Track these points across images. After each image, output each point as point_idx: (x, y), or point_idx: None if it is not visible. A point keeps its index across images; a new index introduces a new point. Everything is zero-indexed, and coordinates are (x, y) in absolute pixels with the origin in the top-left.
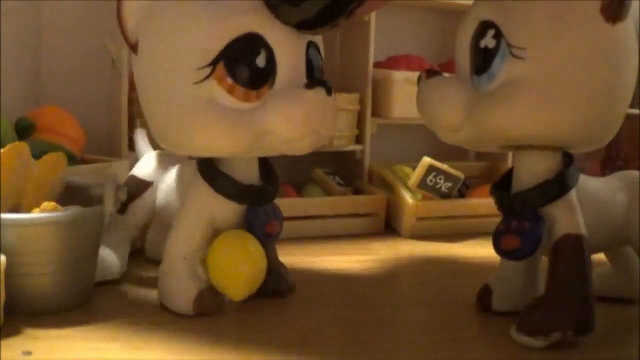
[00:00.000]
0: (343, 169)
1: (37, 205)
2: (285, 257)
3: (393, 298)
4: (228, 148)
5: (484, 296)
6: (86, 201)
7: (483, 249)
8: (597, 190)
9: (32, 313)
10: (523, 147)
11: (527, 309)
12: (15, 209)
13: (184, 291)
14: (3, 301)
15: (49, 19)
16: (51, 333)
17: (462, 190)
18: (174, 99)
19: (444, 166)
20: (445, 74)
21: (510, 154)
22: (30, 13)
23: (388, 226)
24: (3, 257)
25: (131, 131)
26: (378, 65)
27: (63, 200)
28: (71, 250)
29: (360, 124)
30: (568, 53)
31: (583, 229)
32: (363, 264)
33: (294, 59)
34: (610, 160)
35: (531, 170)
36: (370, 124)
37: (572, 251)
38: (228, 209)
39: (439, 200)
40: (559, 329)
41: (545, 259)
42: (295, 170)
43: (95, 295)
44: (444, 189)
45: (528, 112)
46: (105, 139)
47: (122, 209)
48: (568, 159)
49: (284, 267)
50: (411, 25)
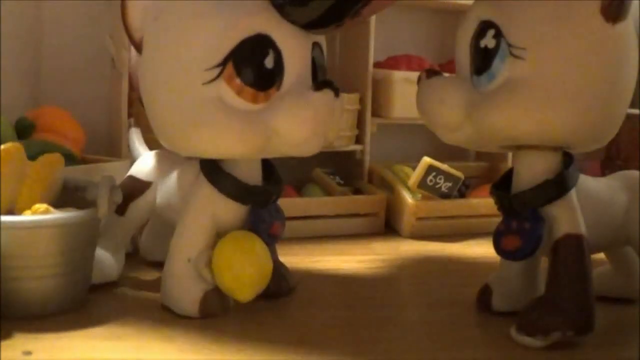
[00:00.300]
0: (343, 169)
1: (32, 207)
2: (286, 257)
3: (393, 298)
4: (236, 150)
5: (484, 296)
6: (84, 202)
7: (483, 249)
8: (597, 190)
9: (26, 317)
10: (523, 147)
11: (527, 309)
12: (11, 211)
13: (189, 293)
14: None
15: (49, 19)
16: (51, 333)
17: (462, 190)
18: (182, 99)
19: (444, 166)
20: (445, 74)
21: (510, 154)
22: (30, 13)
23: (388, 226)
24: None
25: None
26: (378, 65)
27: (62, 201)
28: (64, 253)
29: (360, 124)
30: (568, 53)
31: (583, 229)
32: (363, 264)
33: (301, 60)
34: (610, 160)
35: (531, 170)
36: (370, 124)
37: (572, 251)
38: (232, 209)
39: (439, 200)
40: (559, 329)
41: (545, 259)
42: (295, 170)
43: (94, 295)
44: (444, 189)
45: (528, 112)
46: (105, 139)
47: (121, 210)
48: (568, 159)
49: (285, 267)
50: (411, 25)
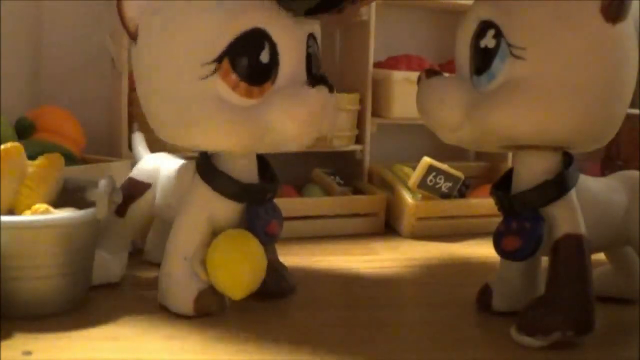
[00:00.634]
0: (343, 169)
1: (32, 207)
2: (285, 257)
3: (393, 298)
4: (231, 144)
5: (484, 296)
6: (84, 202)
7: (483, 249)
8: (597, 190)
9: (26, 317)
10: (523, 147)
11: (527, 309)
12: (12, 211)
13: (184, 291)
14: None
15: (49, 19)
16: (51, 333)
17: (462, 190)
18: (178, 94)
19: (444, 166)
20: (445, 74)
21: (510, 154)
22: (30, 13)
23: (388, 226)
24: None
25: (130, 131)
26: (378, 65)
27: (62, 201)
28: (64, 253)
29: (360, 124)
30: (568, 53)
31: (583, 229)
32: (363, 264)
33: (296, 53)
34: (610, 160)
35: (531, 170)
36: (370, 124)
37: (572, 251)
38: (227, 208)
39: (439, 200)
40: (559, 329)
41: (545, 259)
42: (295, 170)
43: (94, 296)
44: (444, 189)
45: (528, 112)
46: (105, 139)
47: (121, 212)
48: (568, 159)
49: (285, 268)
50: (411, 25)
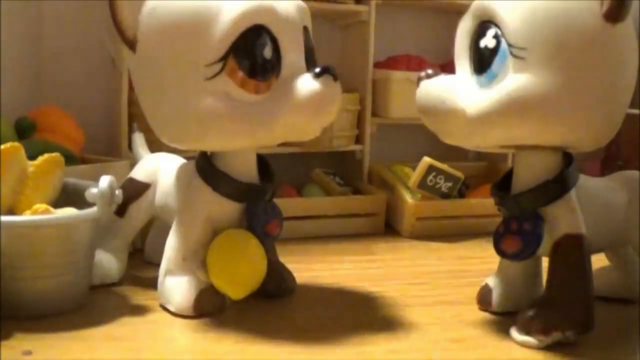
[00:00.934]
0: (343, 169)
1: (32, 207)
2: (286, 257)
3: (393, 298)
4: (243, 142)
5: (484, 296)
6: (84, 202)
7: (483, 249)
8: (597, 190)
9: (26, 317)
10: (523, 147)
11: (527, 309)
12: (12, 211)
13: (184, 292)
14: None
15: (49, 19)
16: (51, 333)
17: (462, 190)
18: (185, 96)
19: (444, 166)
20: (445, 74)
21: (510, 154)
22: (30, 13)
23: (388, 226)
24: None
25: (130, 131)
26: (378, 65)
27: (62, 201)
28: (64, 253)
29: (360, 124)
30: (568, 53)
31: (583, 229)
32: (363, 264)
33: (295, 46)
34: (610, 160)
35: (531, 170)
36: (370, 124)
37: (572, 251)
38: (227, 208)
39: (439, 200)
40: (559, 329)
41: (545, 259)
42: (295, 170)
43: (94, 296)
44: (444, 189)
45: (528, 113)
46: (105, 139)
47: (121, 212)
48: (568, 159)
49: (285, 268)
50: (411, 25)
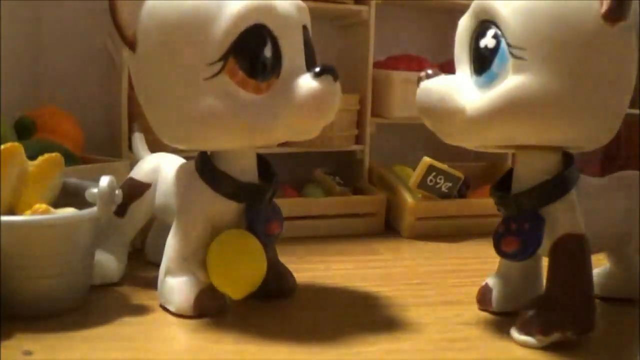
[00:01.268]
0: (343, 169)
1: (32, 207)
2: (286, 257)
3: (393, 298)
4: (244, 142)
5: (484, 296)
6: (84, 202)
7: (483, 249)
8: (597, 190)
9: (26, 317)
10: (523, 147)
11: (527, 309)
12: (12, 210)
13: (184, 292)
14: None
15: (49, 19)
16: (51, 333)
17: (462, 190)
18: (185, 96)
19: (444, 166)
20: (445, 74)
21: (510, 154)
22: (30, 13)
23: (388, 226)
24: None
25: (130, 131)
26: (378, 65)
27: (62, 201)
28: (64, 253)
29: (360, 124)
30: (568, 53)
31: (583, 229)
32: (363, 264)
33: (295, 45)
34: (610, 160)
35: (531, 170)
36: (370, 124)
37: (572, 251)
38: (227, 208)
39: (439, 200)
40: (559, 329)
41: (545, 259)
42: (295, 170)
43: (94, 296)
44: (444, 189)
45: (528, 113)
46: (105, 139)
47: (121, 212)
48: (568, 159)
49: (285, 268)
50: (411, 25)
